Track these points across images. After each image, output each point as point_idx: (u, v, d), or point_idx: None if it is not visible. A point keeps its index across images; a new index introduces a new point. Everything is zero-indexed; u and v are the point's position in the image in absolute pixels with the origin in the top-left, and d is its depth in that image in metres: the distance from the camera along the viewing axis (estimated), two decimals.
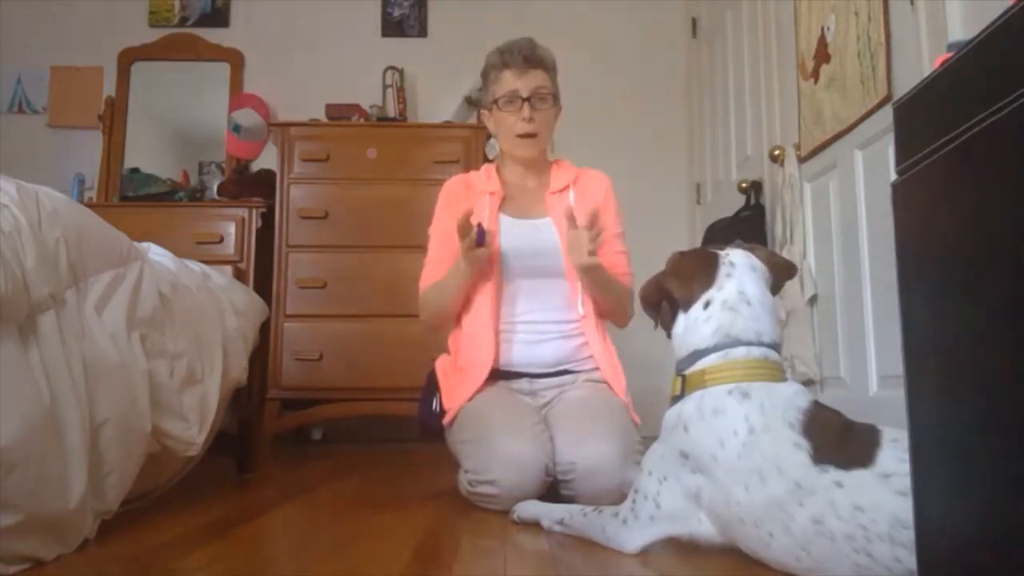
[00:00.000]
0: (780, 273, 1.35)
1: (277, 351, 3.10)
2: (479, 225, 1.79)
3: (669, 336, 1.34)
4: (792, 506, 1.06)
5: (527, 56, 1.93)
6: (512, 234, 1.94)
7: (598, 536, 1.32)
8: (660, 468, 1.24)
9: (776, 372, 1.21)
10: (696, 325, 1.26)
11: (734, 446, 1.13)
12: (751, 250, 1.34)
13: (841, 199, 2.29)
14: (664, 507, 1.22)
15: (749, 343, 1.22)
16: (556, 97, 1.99)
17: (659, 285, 1.33)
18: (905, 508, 0.89)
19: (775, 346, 1.25)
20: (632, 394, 1.91)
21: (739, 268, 1.28)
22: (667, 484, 1.22)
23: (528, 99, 1.92)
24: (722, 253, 1.31)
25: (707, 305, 1.26)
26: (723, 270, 1.28)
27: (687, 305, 1.28)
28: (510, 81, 1.94)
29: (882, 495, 0.99)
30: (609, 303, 1.93)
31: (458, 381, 1.92)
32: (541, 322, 1.92)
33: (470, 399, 1.85)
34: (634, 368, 2.10)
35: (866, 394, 2.09)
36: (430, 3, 3.91)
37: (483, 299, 1.92)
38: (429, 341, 2.51)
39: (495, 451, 1.67)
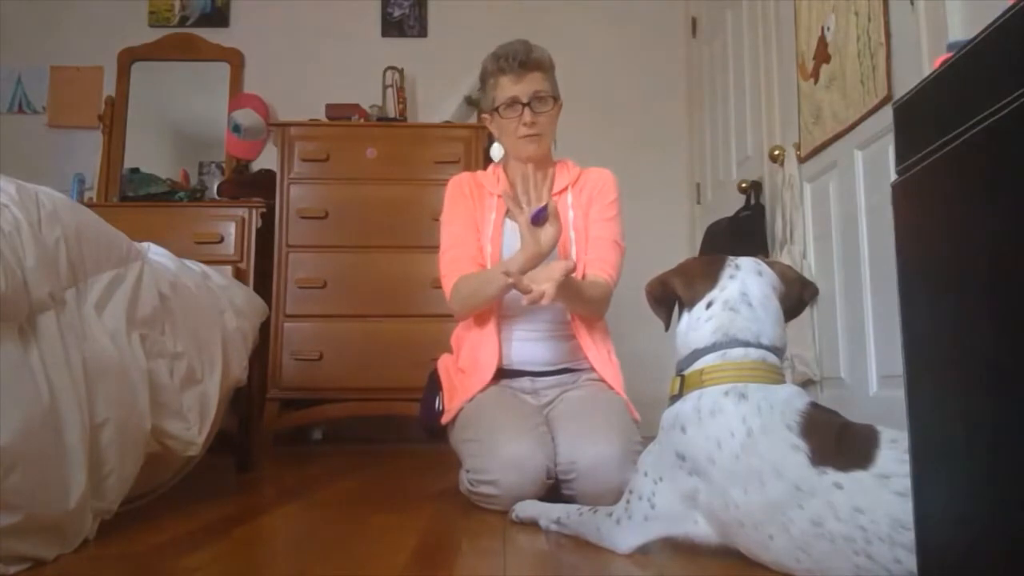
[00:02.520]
0: (793, 285, 1.32)
1: (277, 351, 3.10)
2: (539, 209, 1.74)
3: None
4: (791, 508, 1.05)
5: (523, 61, 1.92)
6: (514, 239, 1.93)
7: (592, 536, 1.32)
8: (656, 469, 1.24)
9: (774, 374, 1.21)
10: (697, 324, 1.26)
11: (731, 448, 1.13)
12: (766, 262, 1.34)
13: (841, 199, 2.29)
14: (659, 507, 1.22)
15: (747, 343, 1.22)
16: (555, 96, 1.98)
17: (664, 283, 1.34)
18: (904, 509, 0.89)
19: (775, 349, 1.24)
20: (633, 395, 1.91)
21: (744, 271, 1.28)
22: (662, 485, 1.22)
23: (528, 104, 1.92)
24: (730, 257, 1.31)
25: (709, 305, 1.26)
26: (727, 271, 1.28)
27: (691, 304, 1.29)
28: (508, 88, 1.93)
29: (881, 496, 0.99)
30: (582, 309, 1.89)
31: (460, 382, 1.92)
32: (538, 321, 1.92)
33: (472, 399, 1.85)
34: (635, 369, 2.10)
35: (866, 394, 2.09)
36: (430, 3, 3.91)
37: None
38: (429, 341, 2.51)
39: (497, 452, 1.67)
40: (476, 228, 1.98)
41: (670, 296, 1.32)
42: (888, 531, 0.96)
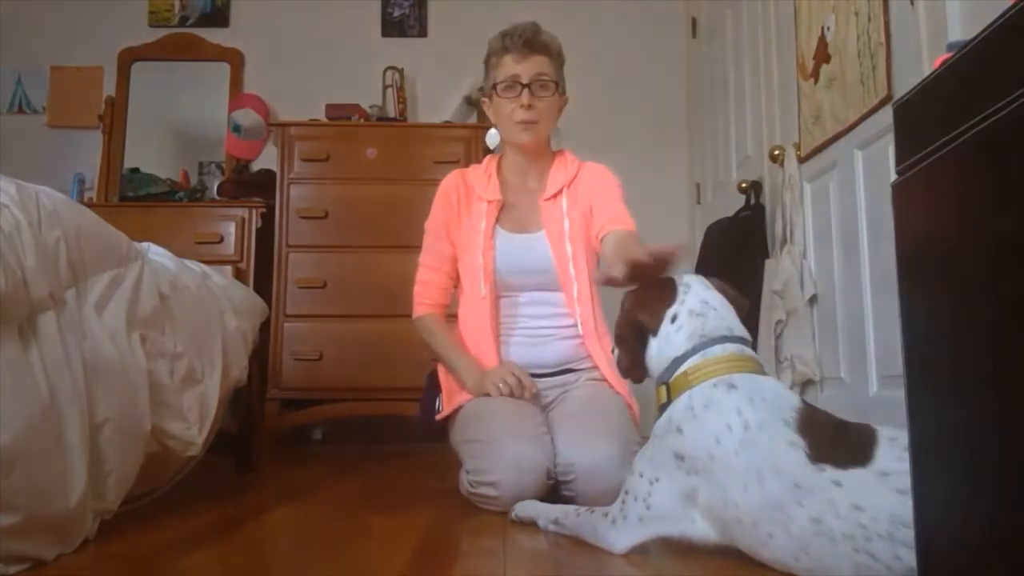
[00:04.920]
0: (732, 303, 1.35)
1: (277, 351, 3.10)
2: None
3: (634, 376, 1.37)
4: (791, 506, 1.06)
5: (528, 40, 1.87)
6: (507, 250, 1.92)
7: (588, 536, 1.33)
8: (651, 470, 1.24)
9: (755, 365, 1.24)
10: (669, 338, 1.29)
11: (730, 442, 1.13)
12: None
13: (841, 199, 2.29)
14: (654, 508, 1.22)
15: (724, 338, 1.26)
16: (559, 85, 1.92)
17: (629, 320, 1.36)
18: (904, 506, 0.88)
19: (747, 341, 1.28)
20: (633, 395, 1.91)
21: (695, 286, 1.33)
22: (659, 485, 1.22)
23: (528, 85, 1.86)
24: (675, 277, 1.37)
25: (675, 319, 1.30)
26: (681, 288, 1.33)
27: (656, 328, 1.32)
28: (510, 66, 1.88)
29: (881, 494, 0.99)
30: None
31: (459, 385, 1.92)
32: (539, 328, 1.91)
33: (471, 398, 1.85)
34: None
35: (866, 394, 2.09)
36: (430, 3, 3.91)
37: (481, 312, 1.91)
38: None
39: (497, 454, 1.66)
40: (453, 246, 1.98)
41: (639, 331, 1.34)
42: (888, 528, 0.97)
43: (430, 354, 2.01)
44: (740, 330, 1.29)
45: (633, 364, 1.37)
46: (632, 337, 1.36)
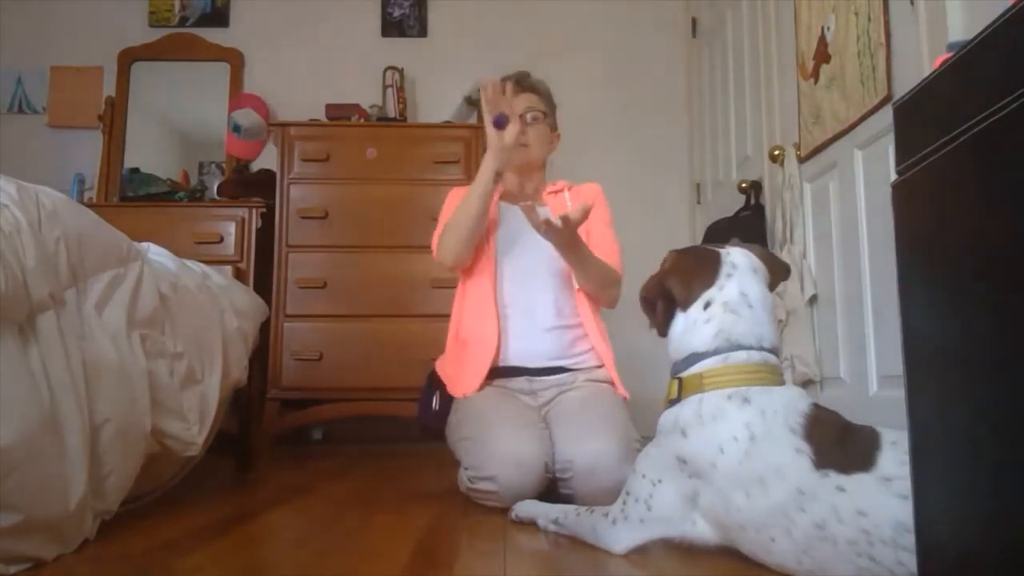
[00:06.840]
0: (777, 274, 1.33)
1: (277, 351, 3.10)
2: (499, 114, 1.88)
3: (663, 335, 1.32)
4: (794, 512, 1.05)
5: (519, 80, 2.07)
6: (511, 220, 2.01)
7: (588, 536, 1.32)
8: (653, 470, 1.23)
9: (776, 376, 1.20)
10: (696, 326, 1.24)
11: (734, 453, 1.12)
12: (750, 250, 1.31)
13: (841, 199, 2.29)
14: (655, 509, 1.22)
15: (750, 347, 1.20)
16: (548, 116, 2.09)
17: (660, 283, 1.30)
18: (907, 511, 0.88)
19: (775, 350, 1.23)
20: (631, 395, 1.92)
21: (740, 269, 1.26)
22: (660, 487, 1.21)
23: (520, 116, 2.02)
24: (723, 252, 1.28)
25: (707, 306, 1.24)
26: (724, 270, 1.25)
27: (686, 305, 1.26)
28: None
29: (884, 499, 0.99)
30: (592, 280, 1.93)
31: (459, 365, 1.95)
32: (539, 315, 1.94)
33: (467, 397, 1.86)
34: (631, 371, 2.11)
35: (866, 394, 2.09)
36: (430, 3, 3.91)
37: (482, 279, 1.97)
38: (429, 341, 2.51)
39: (494, 448, 1.67)
40: None
41: (666, 298, 1.29)
42: (891, 534, 0.96)
43: (464, 232, 1.92)
44: (769, 340, 1.22)
45: (658, 325, 1.32)
46: (656, 300, 1.30)
